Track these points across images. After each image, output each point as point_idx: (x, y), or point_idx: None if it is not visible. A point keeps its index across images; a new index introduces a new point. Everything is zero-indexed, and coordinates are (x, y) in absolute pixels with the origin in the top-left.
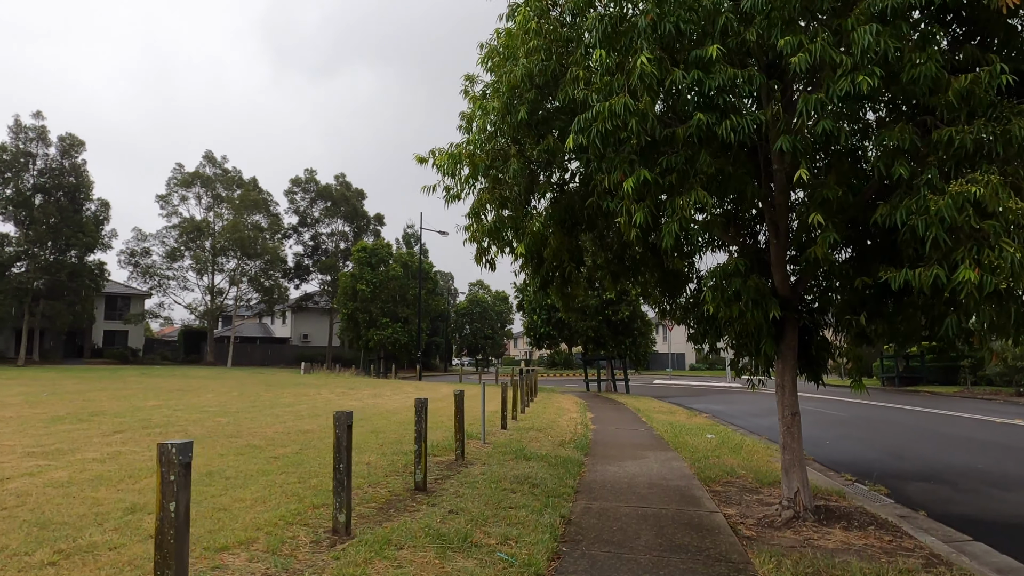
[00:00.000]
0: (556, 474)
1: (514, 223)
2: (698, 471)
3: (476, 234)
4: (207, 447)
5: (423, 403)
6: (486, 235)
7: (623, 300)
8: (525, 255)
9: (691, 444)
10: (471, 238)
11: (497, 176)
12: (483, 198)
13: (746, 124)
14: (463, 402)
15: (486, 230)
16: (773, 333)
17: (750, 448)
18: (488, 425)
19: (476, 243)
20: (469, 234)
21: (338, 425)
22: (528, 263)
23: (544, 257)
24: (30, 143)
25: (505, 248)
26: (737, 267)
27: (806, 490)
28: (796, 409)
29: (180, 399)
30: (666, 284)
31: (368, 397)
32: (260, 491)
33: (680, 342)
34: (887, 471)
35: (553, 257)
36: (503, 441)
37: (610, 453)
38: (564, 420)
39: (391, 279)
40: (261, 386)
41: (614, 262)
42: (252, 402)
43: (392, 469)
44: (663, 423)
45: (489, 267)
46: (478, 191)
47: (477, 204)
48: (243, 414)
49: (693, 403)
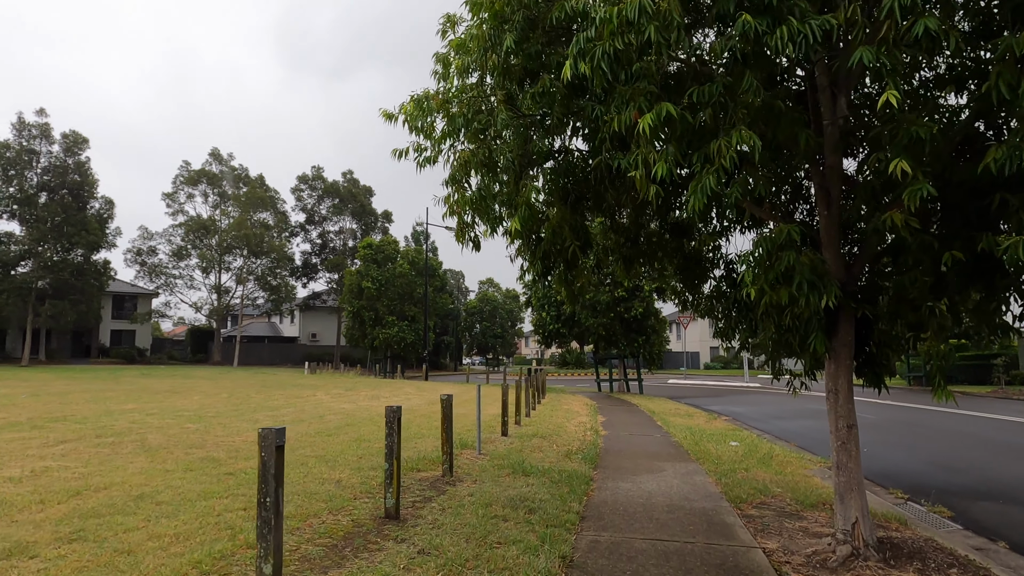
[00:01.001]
0: (559, 494)
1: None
2: (725, 488)
3: (456, 205)
4: (157, 460)
5: (395, 412)
6: (469, 207)
7: (636, 296)
8: (519, 232)
9: (714, 453)
10: (450, 211)
11: (480, 133)
12: (464, 159)
13: (810, 33)
14: (451, 408)
15: (468, 200)
16: (824, 326)
17: (781, 459)
18: (487, 432)
19: (457, 216)
20: (448, 206)
21: (264, 446)
22: (525, 245)
23: (543, 236)
24: (33, 140)
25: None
26: (790, 236)
27: (867, 521)
28: (853, 420)
29: (163, 401)
30: (688, 271)
31: (364, 399)
32: (189, 523)
33: (695, 340)
34: (942, 486)
35: (553, 236)
36: (501, 451)
37: (623, 465)
38: (572, 425)
39: (397, 276)
40: (256, 387)
41: (626, 245)
42: (237, 405)
43: (365, 489)
44: (680, 428)
45: (473, 247)
46: (459, 152)
47: (457, 168)
48: (219, 419)
49: (711, 405)
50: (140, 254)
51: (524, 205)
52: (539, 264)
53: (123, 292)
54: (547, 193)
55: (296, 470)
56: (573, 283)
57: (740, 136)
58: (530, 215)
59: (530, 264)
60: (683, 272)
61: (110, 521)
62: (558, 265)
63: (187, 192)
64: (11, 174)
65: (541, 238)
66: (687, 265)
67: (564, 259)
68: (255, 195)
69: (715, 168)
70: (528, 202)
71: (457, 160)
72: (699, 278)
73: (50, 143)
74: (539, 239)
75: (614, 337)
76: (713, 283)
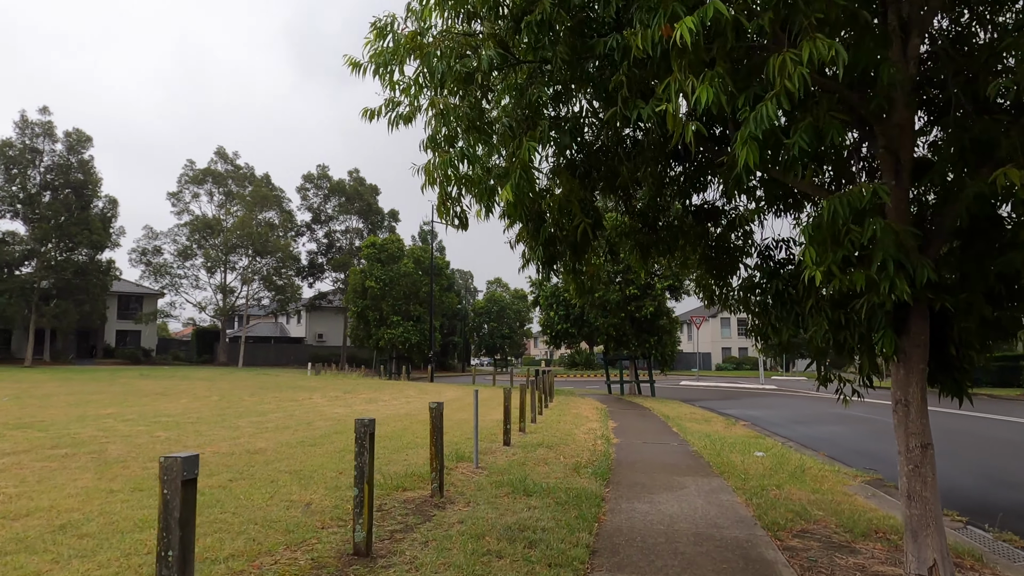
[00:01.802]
0: (566, 520)
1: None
2: (758, 511)
3: (436, 172)
4: (105, 477)
5: (366, 427)
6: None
7: (647, 295)
8: (512, 207)
9: (738, 466)
10: (429, 179)
11: (465, 82)
12: (445, 110)
13: None
14: (442, 418)
15: (449, 163)
16: (893, 321)
17: (815, 473)
18: (488, 440)
19: (438, 187)
20: (426, 175)
21: (166, 481)
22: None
23: (545, 215)
24: (36, 139)
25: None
26: (875, 197)
27: (947, 565)
28: (928, 439)
29: (147, 405)
30: (714, 261)
31: (361, 403)
32: (106, 566)
33: (706, 341)
34: (1001, 505)
35: (559, 214)
36: (502, 464)
37: (638, 480)
38: (581, 432)
39: (402, 276)
40: (253, 389)
41: (643, 231)
42: (223, 410)
43: (337, 515)
44: (698, 435)
45: (459, 225)
46: (440, 107)
47: (438, 125)
48: (197, 426)
49: (727, 408)
50: (145, 254)
51: (520, 169)
52: (542, 251)
53: (128, 292)
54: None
55: (261, 490)
56: (582, 274)
57: (815, 47)
58: (527, 183)
59: (531, 250)
60: (708, 262)
61: (12, 562)
62: (564, 252)
63: (192, 191)
64: (14, 172)
65: (543, 219)
66: (713, 254)
67: (571, 243)
68: (260, 194)
69: (776, 93)
70: (525, 165)
71: (436, 116)
72: (727, 269)
73: (53, 141)
74: (540, 218)
75: (625, 337)
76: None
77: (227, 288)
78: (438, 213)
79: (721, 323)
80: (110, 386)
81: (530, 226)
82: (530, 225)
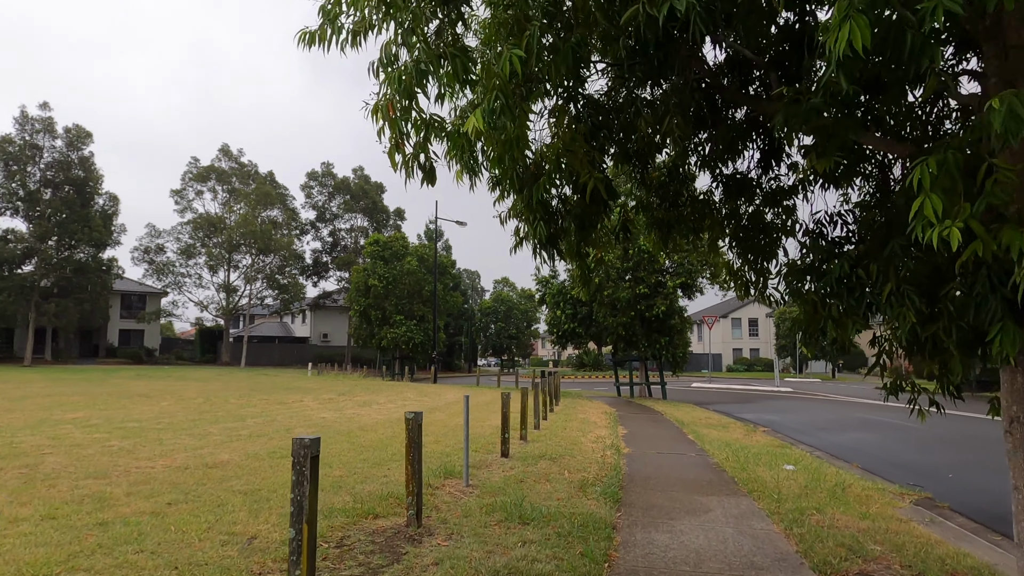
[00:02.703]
0: (569, 559)
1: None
2: (802, 545)
3: (385, 97)
4: (18, 500)
5: (307, 448)
6: (401, 93)
7: (658, 293)
8: (479, 132)
9: (767, 483)
10: (377, 112)
11: None
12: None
13: None
14: (421, 431)
15: (398, 79)
16: (1012, 311)
17: (857, 492)
18: (484, 451)
19: (390, 123)
20: (374, 108)
21: None
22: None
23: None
24: (36, 135)
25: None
26: None
27: None
28: None
29: (121, 409)
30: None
31: (353, 406)
32: None
33: (717, 342)
34: None
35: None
36: (496, 481)
37: (654, 501)
38: (589, 440)
39: (406, 274)
40: (244, 391)
41: (663, 207)
42: (201, 414)
43: (283, 554)
44: (717, 443)
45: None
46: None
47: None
48: (163, 433)
49: (743, 412)
50: (148, 252)
51: (498, 91)
52: (543, 226)
53: (132, 291)
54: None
55: (201, 518)
56: (588, 256)
57: None
58: (507, 112)
59: (528, 225)
60: (741, 244)
61: None
62: (569, 227)
63: (196, 189)
64: (14, 169)
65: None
66: (746, 235)
67: (577, 216)
68: (263, 191)
69: None
70: (504, 83)
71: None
72: (764, 252)
73: (53, 138)
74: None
75: (634, 337)
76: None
77: (230, 287)
78: (390, 159)
79: (732, 323)
80: (97, 387)
81: (524, 193)
82: (524, 192)
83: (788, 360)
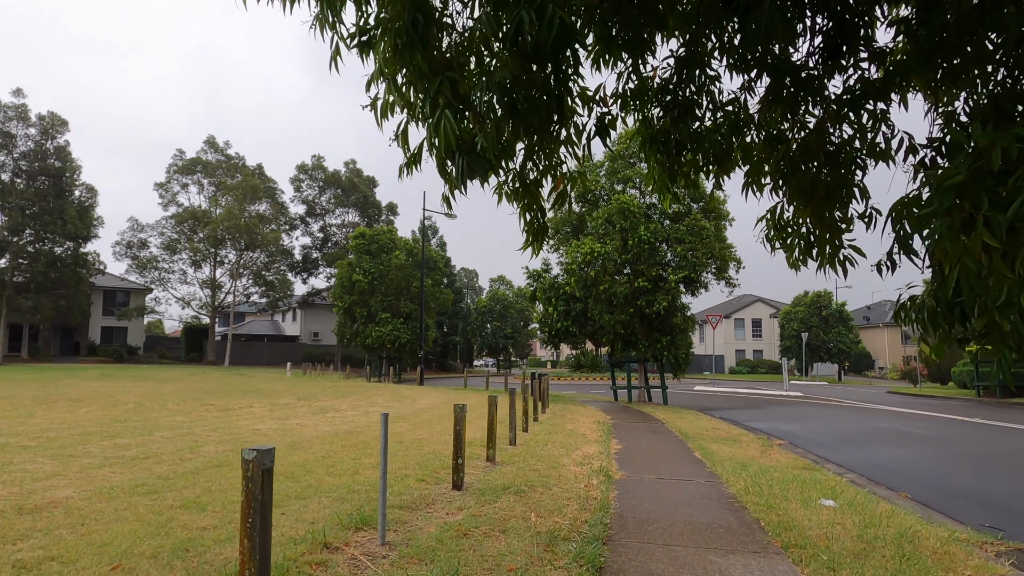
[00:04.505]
0: None
1: None
2: None
3: None
4: None
5: None
6: None
7: (659, 289)
8: None
9: (807, 529)
10: None
11: None
12: None
13: None
14: (270, 484)
15: None
16: None
17: (932, 546)
18: (428, 483)
19: None
20: None
21: None
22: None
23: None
24: (9, 123)
25: None
26: None
27: None
28: None
29: (28, 416)
30: (804, 179)
31: (307, 414)
32: None
33: (720, 342)
34: None
35: None
36: (429, 536)
37: (652, 568)
38: (573, 461)
39: (394, 269)
40: (196, 393)
41: (668, 118)
42: (110, 423)
43: None
44: (731, 464)
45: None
46: None
47: None
48: (21, 453)
49: (753, 421)
50: (131, 247)
51: None
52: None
53: (114, 287)
54: None
55: None
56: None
57: None
58: None
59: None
60: (797, 180)
61: None
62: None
63: (181, 182)
64: None
65: None
66: (805, 165)
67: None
68: (250, 184)
69: None
70: None
71: None
72: (833, 194)
73: (27, 125)
74: None
75: (633, 337)
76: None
77: (215, 283)
78: None
79: (735, 323)
80: (33, 389)
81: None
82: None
83: (792, 362)
